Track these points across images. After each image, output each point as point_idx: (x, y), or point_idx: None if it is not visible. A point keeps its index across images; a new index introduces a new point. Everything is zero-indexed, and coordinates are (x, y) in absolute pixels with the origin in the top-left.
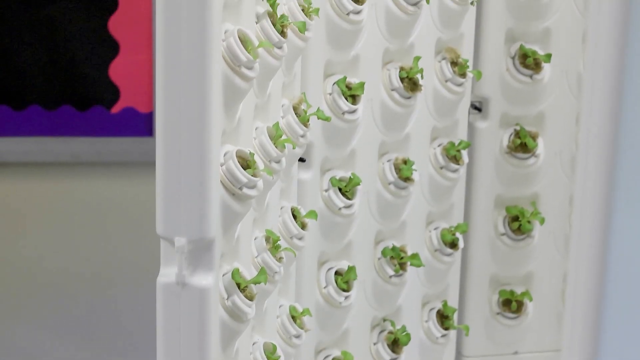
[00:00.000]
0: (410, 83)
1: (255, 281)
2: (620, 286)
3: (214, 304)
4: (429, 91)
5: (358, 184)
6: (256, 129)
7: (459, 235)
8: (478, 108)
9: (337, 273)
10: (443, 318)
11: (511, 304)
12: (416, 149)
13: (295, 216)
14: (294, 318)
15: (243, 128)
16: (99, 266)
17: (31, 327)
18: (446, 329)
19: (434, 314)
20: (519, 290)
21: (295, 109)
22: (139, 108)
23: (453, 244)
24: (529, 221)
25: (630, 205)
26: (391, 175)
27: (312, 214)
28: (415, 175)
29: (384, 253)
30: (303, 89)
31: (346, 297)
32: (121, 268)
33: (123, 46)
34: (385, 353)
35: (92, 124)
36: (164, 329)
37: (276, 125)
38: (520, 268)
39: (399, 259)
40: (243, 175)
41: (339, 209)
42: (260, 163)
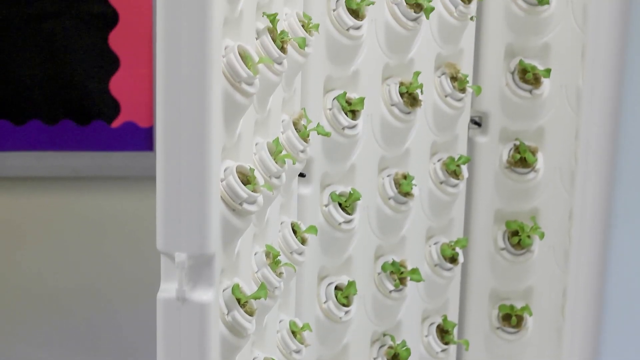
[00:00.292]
0: (410, 98)
1: (256, 296)
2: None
3: (214, 320)
4: (429, 106)
5: (358, 199)
6: (256, 145)
7: (458, 250)
8: (478, 123)
9: (337, 288)
10: (443, 333)
11: (511, 318)
12: (416, 164)
13: (295, 231)
14: (294, 333)
15: (243, 143)
16: (99, 281)
17: (31, 342)
18: (446, 343)
19: (434, 329)
20: (518, 304)
21: (295, 124)
22: (140, 123)
23: (453, 259)
24: (529, 236)
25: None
26: (391, 190)
27: (312, 229)
28: (415, 190)
29: (384, 268)
30: (303, 104)
31: (346, 312)
32: (121, 283)
33: (123, 61)
34: None
35: (93, 138)
36: (164, 345)
37: (276, 140)
38: (520, 283)
39: (399, 273)
40: (243, 191)
41: (339, 224)
42: (260, 178)
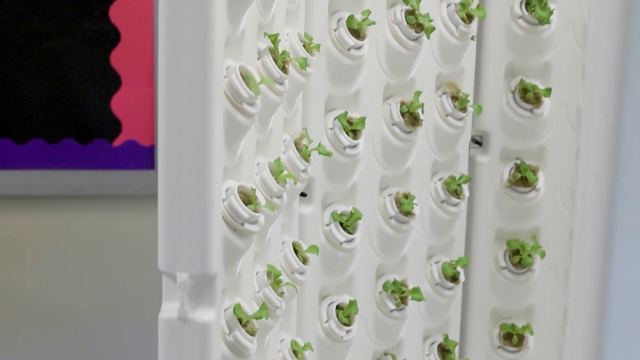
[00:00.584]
0: (411, 118)
1: (257, 316)
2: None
3: (215, 339)
4: (430, 125)
5: (359, 218)
6: (258, 165)
7: (459, 269)
8: (478, 142)
9: (339, 307)
10: (444, 352)
11: (512, 337)
12: (417, 183)
13: (296, 251)
14: (295, 352)
15: (245, 163)
16: (101, 300)
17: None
18: None
19: (435, 348)
20: (520, 323)
21: (296, 144)
22: (141, 141)
23: (454, 278)
24: (530, 255)
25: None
26: (392, 209)
27: (314, 248)
28: (416, 210)
29: (385, 287)
30: (304, 124)
31: (347, 331)
32: (123, 302)
33: (125, 79)
34: None
35: (94, 157)
36: None
37: (278, 160)
38: (521, 301)
39: (400, 293)
40: (245, 211)
41: (340, 243)
42: (261, 198)
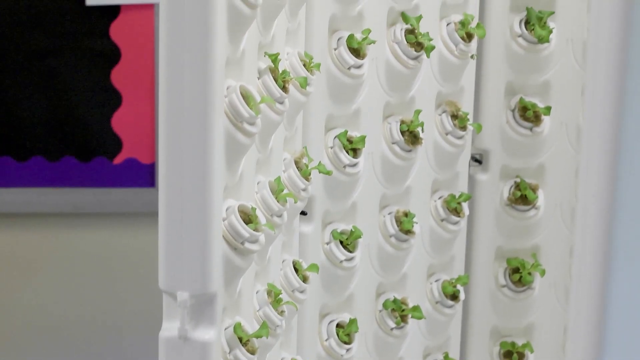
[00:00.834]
0: (411, 136)
1: (257, 335)
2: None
3: (216, 358)
4: (430, 144)
5: (359, 236)
6: (258, 183)
7: (460, 287)
8: (478, 160)
9: (339, 325)
10: None
11: (512, 355)
12: (417, 201)
13: (296, 269)
14: None
15: (245, 182)
16: (101, 317)
17: None
18: None
19: None
20: (520, 341)
21: (296, 162)
22: (141, 159)
23: (454, 296)
24: (530, 273)
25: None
26: (392, 227)
27: (314, 267)
28: (416, 228)
29: (385, 305)
30: (305, 142)
31: (348, 350)
32: (123, 320)
33: (125, 97)
34: None
35: (95, 174)
36: None
37: (278, 179)
38: (521, 320)
39: (400, 311)
40: (245, 230)
41: (340, 261)
42: (262, 217)
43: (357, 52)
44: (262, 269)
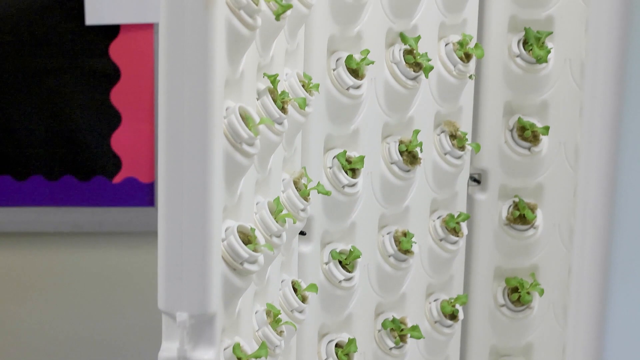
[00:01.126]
0: (410, 156)
1: (256, 355)
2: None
3: None
4: (428, 164)
5: (358, 256)
6: (257, 204)
7: (458, 306)
8: (477, 180)
9: (338, 345)
10: None
11: None
12: (416, 221)
13: (295, 289)
14: None
15: (244, 203)
16: (100, 337)
17: None
18: None
19: None
20: None
21: (295, 183)
22: (141, 178)
23: (453, 316)
24: (529, 292)
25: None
26: (391, 247)
27: (313, 287)
28: (414, 248)
29: (384, 325)
30: (303, 163)
31: None
32: (122, 339)
33: (125, 117)
34: None
35: (94, 194)
36: None
37: (277, 199)
38: (520, 339)
39: (399, 331)
40: (244, 251)
41: (339, 281)
42: (261, 238)
43: (356, 73)
44: (261, 289)
